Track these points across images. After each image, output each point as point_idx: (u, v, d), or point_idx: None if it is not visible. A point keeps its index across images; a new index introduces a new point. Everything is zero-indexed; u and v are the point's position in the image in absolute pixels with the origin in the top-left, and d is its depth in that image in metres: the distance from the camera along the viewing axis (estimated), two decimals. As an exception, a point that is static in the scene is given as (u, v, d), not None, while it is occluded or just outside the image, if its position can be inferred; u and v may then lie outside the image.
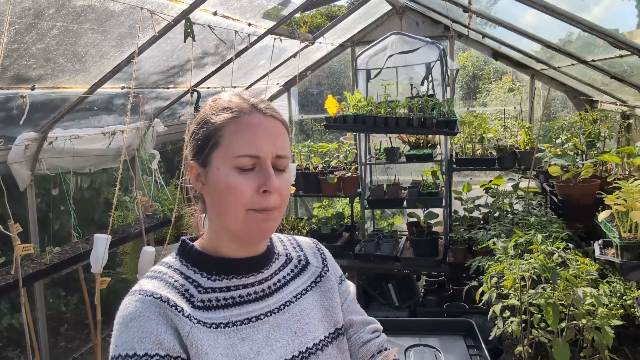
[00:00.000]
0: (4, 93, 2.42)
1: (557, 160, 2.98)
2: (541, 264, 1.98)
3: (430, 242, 3.82)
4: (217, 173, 0.88)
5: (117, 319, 0.83)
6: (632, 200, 1.96)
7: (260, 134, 0.89)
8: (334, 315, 1.05)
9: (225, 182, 0.87)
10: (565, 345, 1.90)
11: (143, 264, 2.93)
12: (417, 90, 4.16)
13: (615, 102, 3.58)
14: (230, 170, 0.87)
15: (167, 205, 3.91)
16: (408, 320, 3.10)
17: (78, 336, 4.03)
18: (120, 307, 0.85)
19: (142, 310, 0.82)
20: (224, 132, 0.88)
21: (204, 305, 0.89)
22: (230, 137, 0.88)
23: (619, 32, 2.29)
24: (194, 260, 0.93)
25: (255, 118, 0.90)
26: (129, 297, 0.85)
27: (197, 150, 0.91)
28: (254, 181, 0.87)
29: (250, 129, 0.89)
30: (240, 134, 0.88)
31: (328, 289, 1.07)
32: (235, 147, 0.87)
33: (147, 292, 0.85)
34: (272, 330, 0.93)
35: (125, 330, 0.80)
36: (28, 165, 2.93)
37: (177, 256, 0.95)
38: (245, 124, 0.89)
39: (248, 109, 0.90)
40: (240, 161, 0.87)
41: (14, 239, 2.45)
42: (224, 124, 0.89)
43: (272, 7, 3.51)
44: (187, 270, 0.92)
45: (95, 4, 2.21)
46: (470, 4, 3.35)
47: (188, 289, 0.89)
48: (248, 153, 0.87)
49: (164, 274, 0.91)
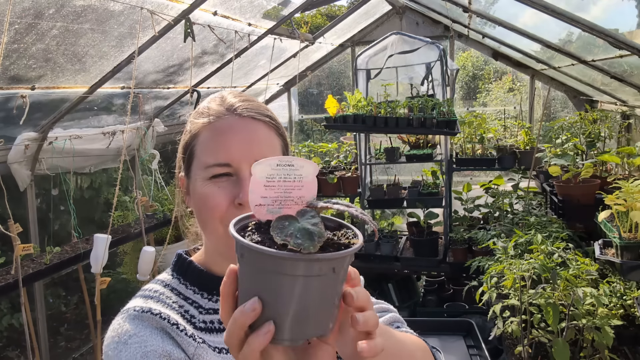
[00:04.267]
0: (4, 93, 2.42)
1: (557, 160, 2.98)
2: (541, 264, 1.98)
3: (430, 242, 3.82)
4: (195, 185, 0.80)
5: (109, 340, 0.75)
6: (632, 200, 1.96)
7: (232, 139, 0.78)
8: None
9: (199, 194, 0.78)
10: (565, 345, 1.90)
11: (143, 264, 2.93)
12: (417, 90, 4.16)
13: (615, 102, 3.58)
14: (205, 181, 0.78)
15: (167, 205, 3.91)
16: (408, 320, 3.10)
17: (78, 336, 4.03)
18: (110, 329, 0.77)
19: (141, 326, 0.75)
20: (197, 140, 0.80)
21: (206, 327, 0.81)
22: (203, 145, 0.79)
23: (619, 32, 2.29)
24: (192, 279, 0.85)
25: (227, 121, 0.79)
26: (122, 316, 0.77)
27: (182, 161, 0.85)
28: (229, 192, 0.77)
29: (220, 134, 0.78)
30: (210, 141, 0.79)
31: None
32: (205, 157, 0.78)
33: (143, 308, 0.77)
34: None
35: (124, 349, 0.72)
36: (28, 165, 2.93)
37: (174, 273, 0.87)
38: (216, 130, 0.79)
39: (222, 112, 0.80)
40: (211, 171, 0.77)
41: (14, 239, 2.45)
42: (199, 132, 0.81)
43: (272, 7, 3.51)
44: (185, 290, 0.84)
45: (95, 4, 2.21)
46: (470, 4, 3.35)
47: (188, 309, 0.81)
48: (216, 162, 0.77)
49: (160, 293, 0.82)
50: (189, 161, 0.82)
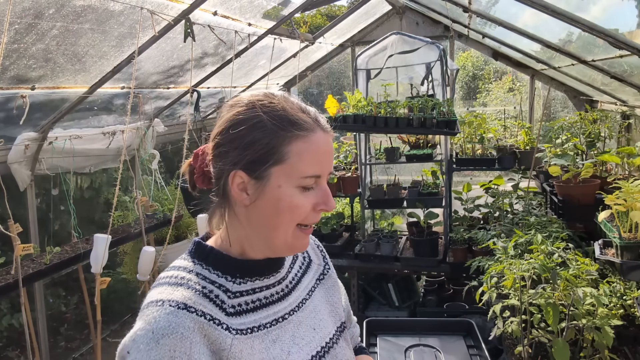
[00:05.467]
0: (4, 93, 2.42)
1: (557, 160, 2.98)
2: (541, 264, 1.98)
3: (430, 242, 3.82)
4: (278, 191, 0.83)
5: (143, 331, 0.75)
6: (632, 200, 1.96)
7: (324, 154, 0.87)
8: (338, 310, 1.07)
9: (288, 201, 0.84)
10: (565, 345, 1.90)
11: (143, 264, 2.93)
12: (417, 90, 4.16)
13: (615, 102, 3.58)
14: (293, 189, 0.84)
15: (167, 205, 3.91)
16: (408, 320, 3.10)
17: (78, 336, 4.04)
18: (144, 318, 0.77)
19: (176, 326, 0.75)
20: (290, 148, 0.83)
21: (235, 311, 0.85)
22: (299, 156, 0.83)
23: (619, 32, 2.29)
24: (215, 264, 0.88)
25: (320, 137, 0.87)
26: (157, 309, 0.77)
27: (252, 161, 0.84)
28: (312, 199, 0.86)
29: (317, 148, 0.85)
30: (308, 153, 0.84)
31: (331, 286, 1.09)
32: (302, 168, 0.84)
33: (178, 303, 0.78)
34: (296, 329, 0.93)
35: (155, 347, 0.73)
36: (28, 165, 2.93)
37: (194, 259, 0.89)
38: (313, 144, 0.85)
39: (313, 126, 0.86)
40: (306, 182, 0.84)
41: (14, 239, 2.45)
42: (291, 140, 0.83)
43: (272, 7, 3.51)
44: (210, 274, 0.87)
45: (95, 4, 2.21)
46: (470, 4, 3.35)
47: (218, 294, 0.85)
48: (314, 174, 0.85)
49: (187, 279, 0.84)
50: (268, 162, 0.83)
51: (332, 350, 0.97)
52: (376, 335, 2.27)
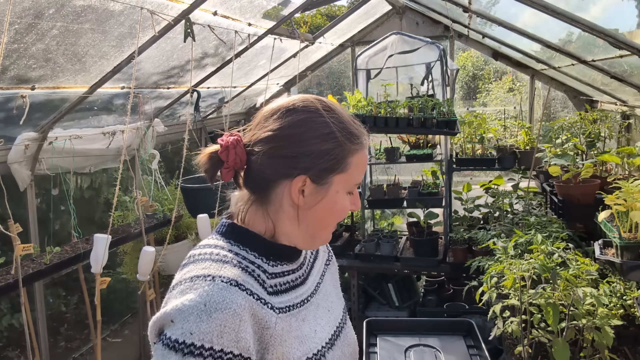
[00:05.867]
0: (4, 93, 2.42)
1: (557, 160, 2.98)
2: (541, 264, 1.98)
3: (430, 242, 3.82)
4: (336, 196, 0.92)
5: (194, 302, 0.76)
6: (632, 200, 1.96)
7: (366, 164, 1.02)
8: (341, 294, 1.16)
9: (341, 205, 0.93)
10: (565, 345, 1.90)
11: (143, 264, 2.92)
12: (417, 90, 4.16)
13: (615, 102, 3.58)
14: (345, 194, 0.94)
15: (167, 205, 3.91)
16: (408, 320, 3.10)
17: (78, 336, 4.04)
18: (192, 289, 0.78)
19: (230, 302, 0.78)
20: (352, 160, 0.92)
21: (273, 291, 0.89)
22: (356, 166, 0.93)
23: (619, 32, 2.29)
24: (253, 245, 0.92)
25: (366, 150, 0.97)
26: (209, 283, 0.79)
27: (322, 169, 0.89)
28: (349, 201, 0.96)
29: (366, 160, 0.97)
30: (361, 164, 0.94)
31: (334, 272, 1.18)
32: (357, 176, 0.94)
33: (230, 280, 0.81)
34: (316, 310, 0.99)
35: (206, 320, 0.75)
36: (28, 165, 2.93)
37: (229, 240, 0.92)
38: (364, 155, 0.96)
39: (365, 139, 0.96)
40: (353, 188, 0.96)
41: (14, 239, 2.45)
42: (353, 152, 0.92)
43: (272, 7, 3.51)
44: (248, 254, 0.90)
45: (95, 4, 2.21)
46: (470, 4, 3.35)
47: (259, 274, 0.89)
48: (360, 182, 0.97)
49: (231, 258, 0.87)
50: (335, 173, 0.91)
51: (343, 330, 1.05)
52: (376, 335, 2.27)
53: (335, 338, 1.00)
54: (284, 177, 0.90)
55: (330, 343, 0.97)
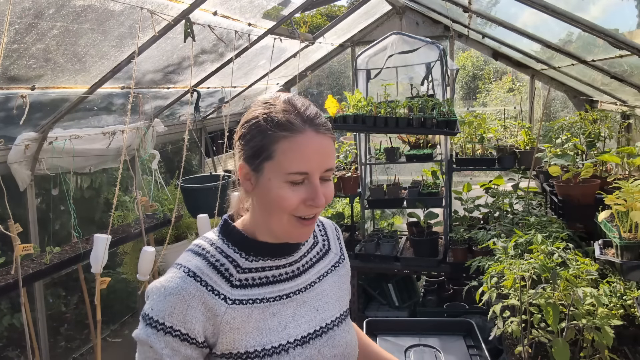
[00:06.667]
0: (4, 93, 2.42)
1: (557, 160, 2.97)
2: (541, 264, 1.97)
3: (430, 242, 3.82)
4: (268, 183, 0.94)
5: (159, 286, 0.92)
6: (632, 200, 1.96)
7: (311, 153, 0.93)
8: (345, 298, 1.18)
9: (276, 193, 0.93)
10: (565, 345, 1.90)
11: (143, 264, 2.92)
12: (417, 90, 4.16)
13: (615, 102, 3.58)
14: (281, 183, 0.93)
15: (167, 205, 3.91)
16: (408, 320, 3.10)
17: (78, 336, 4.03)
18: (165, 275, 0.94)
19: (180, 289, 0.91)
20: (277, 147, 0.92)
21: (240, 284, 0.98)
22: (284, 154, 0.92)
23: (619, 32, 2.29)
24: (235, 241, 1.02)
25: (307, 137, 0.93)
26: (175, 271, 0.94)
27: (249, 155, 0.96)
28: (302, 194, 0.94)
29: (303, 148, 0.92)
30: (292, 152, 0.92)
31: (343, 275, 1.21)
32: (287, 165, 0.92)
33: (190, 270, 0.94)
34: (298, 307, 1.03)
35: (162, 300, 0.90)
36: (28, 165, 2.93)
37: (220, 234, 1.03)
38: (298, 144, 0.92)
39: (301, 126, 0.93)
40: (291, 177, 0.92)
41: (14, 239, 2.45)
42: (278, 139, 0.92)
43: (272, 7, 3.51)
44: (227, 249, 1.00)
45: (95, 4, 2.21)
46: (470, 4, 3.35)
47: (228, 268, 0.98)
48: (298, 170, 0.92)
49: (207, 251, 0.99)
50: (260, 157, 0.94)
51: (331, 331, 1.06)
52: (376, 335, 2.27)
53: (314, 337, 1.02)
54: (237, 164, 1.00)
55: (303, 341, 1.00)
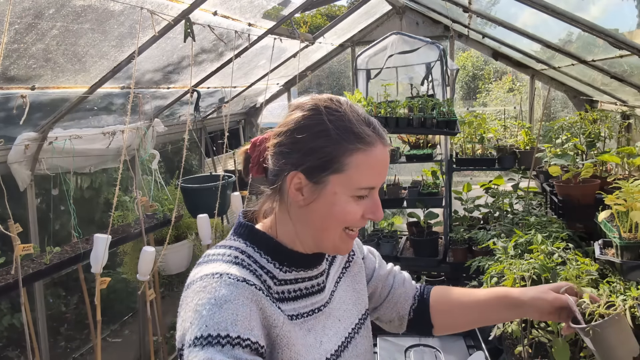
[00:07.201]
0: (4, 93, 2.42)
1: (557, 160, 2.97)
2: (541, 264, 1.98)
3: (430, 242, 3.82)
4: (333, 197, 0.87)
5: (204, 300, 0.78)
6: (632, 200, 1.96)
7: (381, 168, 0.90)
8: (363, 298, 1.10)
9: (341, 208, 0.88)
10: (565, 345, 1.90)
11: (143, 264, 2.92)
12: (417, 90, 4.16)
13: (615, 102, 3.58)
14: (348, 197, 0.88)
15: (167, 205, 3.91)
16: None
17: (78, 336, 4.04)
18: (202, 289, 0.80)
19: (237, 294, 0.80)
20: (350, 160, 0.86)
21: (279, 297, 0.90)
22: (357, 168, 0.87)
23: (619, 32, 2.29)
24: (268, 250, 0.93)
25: (380, 152, 0.89)
26: (216, 280, 0.81)
27: (312, 167, 0.87)
28: (363, 208, 0.90)
29: (375, 162, 0.89)
30: (366, 167, 0.87)
31: (357, 273, 1.12)
32: (358, 179, 0.87)
33: (237, 276, 0.82)
34: (326, 320, 0.97)
35: (218, 312, 0.77)
36: (28, 165, 2.93)
37: (246, 241, 0.93)
38: (372, 157, 0.88)
39: (375, 140, 0.89)
40: (360, 192, 0.88)
41: (14, 239, 2.45)
42: (352, 152, 0.87)
43: (272, 7, 3.51)
44: (260, 259, 0.91)
45: (95, 4, 2.21)
46: (470, 4, 3.35)
47: (265, 280, 0.90)
48: (368, 185, 0.89)
49: (242, 260, 0.89)
50: (328, 170, 0.87)
51: (353, 340, 1.01)
52: (376, 335, 2.27)
53: (342, 349, 0.97)
54: (283, 172, 0.90)
55: (336, 355, 0.95)
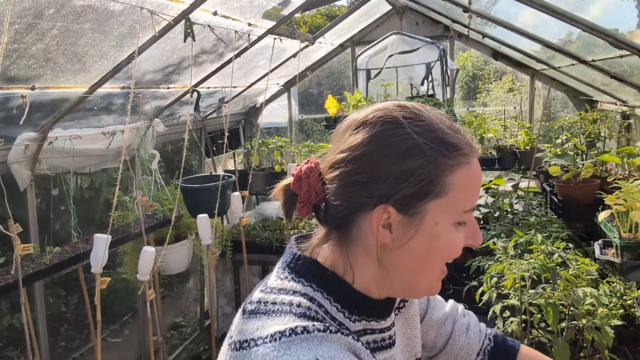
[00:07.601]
0: (4, 93, 2.42)
1: (557, 160, 2.98)
2: (541, 264, 1.98)
3: (430, 242, 3.81)
4: (435, 229, 0.69)
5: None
6: (632, 200, 1.96)
7: (480, 182, 0.73)
8: (416, 345, 0.90)
9: (446, 241, 0.70)
10: (565, 345, 1.90)
11: (143, 264, 2.93)
12: (417, 90, 4.16)
13: (615, 102, 3.58)
14: (451, 226, 0.70)
15: (167, 205, 3.91)
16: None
17: (78, 336, 4.04)
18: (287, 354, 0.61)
19: (337, 349, 0.63)
20: (454, 179, 0.68)
21: None
22: (461, 187, 0.69)
23: (619, 32, 2.29)
24: (337, 295, 0.73)
25: (476, 163, 0.72)
26: (306, 342, 0.62)
27: (407, 195, 0.68)
28: (463, 235, 0.73)
29: (478, 177, 0.72)
30: (469, 184, 0.70)
31: (413, 316, 0.92)
32: (463, 201, 0.70)
33: (329, 328, 0.65)
34: None
35: None
36: (28, 165, 2.93)
37: (311, 283, 0.72)
38: (475, 173, 0.71)
39: (471, 149, 0.71)
40: (464, 216, 0.71)
41: (14, 239, 2.45)
42: (454, 169, 0.68)
43: (272, 7, 3.51)
44: (330, 307, 0.71)
45: (95, 4, 2.21)
46: (470, 4, 3.35)
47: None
48: (472, 207, 0.72)
49: (315, 312, 0.69)
50: (428, 197, 0.68)
51: None
52: None
53: None
54: (361, 209, 0.70)
55: None
